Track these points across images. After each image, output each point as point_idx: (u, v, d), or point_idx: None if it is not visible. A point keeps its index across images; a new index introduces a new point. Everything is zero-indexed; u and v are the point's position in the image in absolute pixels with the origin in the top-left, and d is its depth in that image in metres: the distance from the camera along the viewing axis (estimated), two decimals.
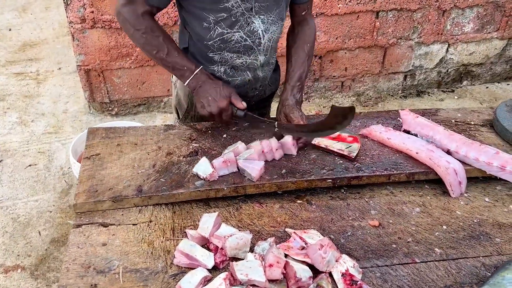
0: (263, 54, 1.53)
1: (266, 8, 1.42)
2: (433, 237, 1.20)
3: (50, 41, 4.51)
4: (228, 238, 1.09)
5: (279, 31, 1.54)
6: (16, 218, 2.49)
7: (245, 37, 1.45)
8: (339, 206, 1.30)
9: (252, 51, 1.50)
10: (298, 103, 1.52)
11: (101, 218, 1.22)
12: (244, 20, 1.41)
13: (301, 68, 1.55)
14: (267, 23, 1.46)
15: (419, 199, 1.34)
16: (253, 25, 1.43)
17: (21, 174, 2.81)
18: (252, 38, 1.46)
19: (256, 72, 1.57)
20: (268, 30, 1.48)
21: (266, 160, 1.37)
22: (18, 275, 2.18)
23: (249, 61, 1.52)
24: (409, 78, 3.84)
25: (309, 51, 1.59)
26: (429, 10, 3.47)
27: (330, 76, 3.64)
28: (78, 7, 2.94)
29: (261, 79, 1.61)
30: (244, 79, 1.57)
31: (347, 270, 1.05)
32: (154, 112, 3.49)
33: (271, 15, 1.45)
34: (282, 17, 1.50)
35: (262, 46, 1.50)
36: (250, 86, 1.61)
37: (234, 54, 1.49)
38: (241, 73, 1.55)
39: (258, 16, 1.43)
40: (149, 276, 1.06)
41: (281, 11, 1.48)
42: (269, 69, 1.63)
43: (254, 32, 1.45)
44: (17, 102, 3.53)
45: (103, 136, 1.50)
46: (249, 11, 1.40)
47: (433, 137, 1.46)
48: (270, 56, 1.59)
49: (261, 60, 1.54)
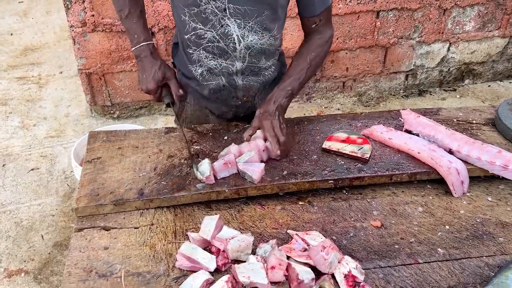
0: (240, 60, 1.45)
1: (243, 13, 1.35)
2: (436, 237, 1.19)
3: (51, 45, 4.52)
4: (229, 240, 1.08)
5: (267, 43, 1.44)
6: (19, 222, 2.49)
7: (217, 38, 1.39)
8: (341, 207, 1.29)
9: (227, 55, 1.44)
10: (280, 108, 1.41)
11: (103, 221, 1.22)
12: (217, 20, 1.36)
13: (297, 75, 1.46)
14: (244, 29, 1.38)
15: (422, 199, 1.33)
16: (228, 28, 1.37)
17: (24, 178, 2.81)
18: (226, 41, 1.40)
19: (232, 78, 1.50)
20: (245, 37, 1.40)
21: (262, 160, 1.36)
22: (21, 279, 2.19)
23: (224, 64, 1.46)
24: (411, 77, 3.83)
25: (311, 60, 1.48)
26: (430, 9, 3.46)
27: (331, 77, 3.64)
28: (78, 11, 2.95)
29: (243, 88, 1.53)
30: (219, 83, 1.51)
31: (350, 271, 1.05)
32: (155, 115, 3.49)
33: (249, 21, 1.37)
34: (267, 28, 1.41)
35: (238, 53, 1.43)
36: (229, 94, 1.54)
37: (209, 54, 1.44)
38: (215, 77, 1.50)
39: (234, 20, 1.36)
40: (151, 279, 1.05)
41: (265, 20, 1.38)
42: (256, 79, 1.53)
43: (228, 35, 1.39)
44: (19, 106, 3.54)
45: (104, 139, 1.50)
46: (222, 11, 1.34)
47: (434, 136, 1.45)
48: (254, 65, 1.49)
49: (238, 67, 1.46)
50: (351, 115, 1.67)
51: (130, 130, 1.55)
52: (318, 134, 1.54)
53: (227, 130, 1.55)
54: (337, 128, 1.57)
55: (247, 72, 1.50)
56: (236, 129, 1.55)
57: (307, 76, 1.48)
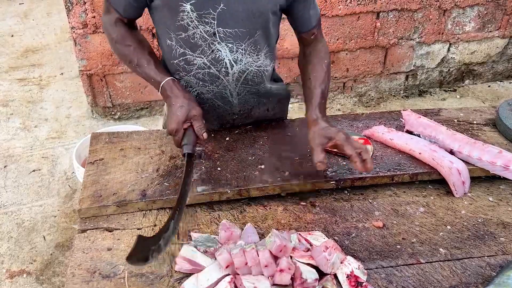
0: (233, 84, 1.41)
1: (234, 36, 1.29)
2: (438, 237, 1.20)
3: (52, 47, 4.53)
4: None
5: (263, 64, 1.40)
6: (21, 223, 2.50)
7: (208, 64, 1.34)
8: (343, 208, 1.30)
9: (219, 81, 1.39)
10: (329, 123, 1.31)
11: (106, 223, 1.23)
12: (206, 45, 1.30)
13: (322, 85, 1.36)
14: (236, 52, 1.33)
15: (423, 200, 1.34)
16: (219, 53, 1.32)
17: (25, 179, 2.82)
18: (217, 67, 1.35)
19: (227, 100, 1.46)
20: (239, 61, 1.35)
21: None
22: (23, 280, 2.19)
23: (217, 90, 1.41)
24: (411, 78, 3.84)
25: (328, 68, 1.40)
26: (430, 10, 3.47)
27: (331, 77, 3.64)
28: (80, 12, 2.95)
29: (239, 105, 1.49)
30: (213, 105, 1.47)
31: (352, 271, 1.05)
32: (156, 116, 3.50)
33: (241, 44, 1.31)
34: (261, 49, 1.36)
35: (231, 77, 1.38)
36: (225, 111, 1.50)
37: (200, 81, 1.39)
38: (208, 100, 1.45)
39: (225, 44, 1.30)
40: (154, 280, 1.06)
41: (258, 41, 1.34)
42: (253, 96, 1.49)
43: (219, 60, 1.33)
44: (20, 108, 3.55)
45: (107, 141, 1.50)
46: (211, 36, 1.28)
47: (435, 137, 1.46)
48: (251, 87, 1.45)
49: (232, 90, 1.42)
50: (352, 115, 1.68)
51: (133, 132, 1.56)
52: None
53: (228, 131, 1.56)
54: None
55: (243, 93, 1.46)
56: (237, 131, 1.56)
57: (328, 85, 1.39)
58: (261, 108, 1.56)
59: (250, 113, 1.56)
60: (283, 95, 1.60)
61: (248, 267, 1.03)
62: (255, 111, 1.56)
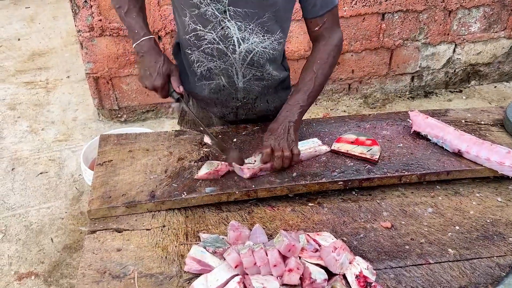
0: (239, 63, 1.44)
1: (243, 15, 1.34)
2: (446, 238, 1.20)
3: (59, 50, 4.57)
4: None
5: (269, 46, 1.43)
6: (28, 225, 2.51)
7: (217, 40, 1.39)
8: (351, 208, 1.30)
9: (226, 57, 1.43)
10: (290, 123, 1.38)
11: (115, 223, 1.23)
12: (217, 22, 1.35)
13: (305, 87, 1.42)
14: (244, 31, 1.37)
15: (431, 200, 1.33)
16: (228, 30, 1.37)
17: (33, 182, 2.84)
18: (225, 43, 1.40)
19: (232, 80, 1.49)
20: (246, 40, 1.39)
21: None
22: (31, 282, 2.20)
23: (223, 66, 1.45)
24: (417, 79, 3.83)
25: (318, 69, 1.43)
26: (435, 11, 3.47)
27: (337, 79, 3.64)
28: (86, 16, 2.98)
29: (243, 91, 1.52)
30: (219, 83, 1.50)
31: (361, 272, 1.05)
32: (162, 118, 3.51)
33: (250, 23, 1.36)
34: (269, 30, 1.39)
35: (238, 55, 1.42)
36: (229, 95, 1.54)
37: (208, 56, 1.44)
38: (215, 77, 1.49)
39: (235, 22, 1.35)
40: (164, 280, 1.06)
41: (266, 23, 1.37)
42: (257, 84, 1.52)
43: (228, 37, 1.38)
44: (28, 111, 3.57)
45: (115, 142, 1.51)
46: (222, 13, 1.34)
47: (443, 137, 1.46)
48: (256, 69, 1.48)
49: (238, 69, 1.46)
50: (359, 117, 1.68)
51: (141, 133, 1.57)
52: (327, 136, 1.54)
53: (236, 132, 1.56)
54: (345, 130, 1.58)
55: (248, 76, 1.49)
56: (245, 132, 1.56)
57: (316, 87, 1.44)
58: (263, 99, 1.59)
59: (253, 104, 1.59)
60: (285, 84, 1.63)
61: (257, 267, 1.03)
62: (258, 103, 1.59)
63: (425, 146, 1.50)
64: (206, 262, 1.08)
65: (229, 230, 1.15)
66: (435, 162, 1.41)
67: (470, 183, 1.40)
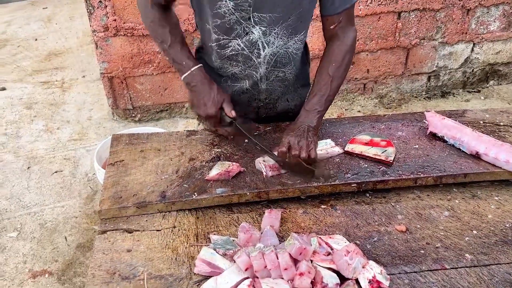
0: (263, 66, 1.45)
1: (268, 20, 1.34)
2: (463, 243, 1.16)
3: (75, 50, 4.62)
4: None
5: (293, 46, 1.43)
6: (43, 224, 2.54)
7: (242, 46, 1.39)
8: (365, 211, 1.27)
9: (251, 62, 1.44)
10: (309, 128, 1.37)
11: (126, 224, 1.23)
12: (241, 28, 1.35)
13: (321, 91, 1.41)
14: (269, 35, 1.37)
15: (447, 203, 1.30)
16: (252, 36, 1.37)
17: (48, 180, 2.87)
18: (250, 49, 1.40)
19: (255, 83, 1.50)
20: (271, 43, 1.39)
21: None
22: (45, 280, 2.22)
23: (248, 71, 1.46)
24: (433, 79, 3.76)
25: (334, 72, 1.42)
26: (453, 9, 3.40)
27: (352, 78, 3.60)
28: (101, 16, 3.00)
29: (266, 92, 1.54)
30: (242, 87, 1.51)
31: (374, 276, 1.03)
32: (176, 118, 3.52)
33: (275, 27, 1.36)
34: (293, 32, 1.40)
35: (262, 59, 1.43)
36: (251, 97, 1.54)
37: (233, 62, 1.44)
38: (239, 81, 1.50)
39: (259, 27, 1.35)
40: (173, 282, 1.05)
41: (291, 26, 1.37)
42: (279, 84, 1.53)
43: (252, 42, 1.38)
44: (44, 110, 3.62)
45: (127, 142, 1.51)
46: (246, 20, 1.33)
47: (460, 139, 1.42)
48: (279, 70, 1.48)
49: (262, 73, 1.47)
50: (373, 117, 1.65)
51: (153, 133, 1.56)
52: (340, 137, 1.52)
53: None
54: (359, 131, 1.55)
55: (271, 78, 1.50)
56: (256, 132, 1.55)
57: (333, 90, 1.42)
58: (283, 98, 1.59)
59: (274, 104, 1.60)
60: (305, 80, 1.64)
61: (267, 270, 1.01)
62: (279, 102, 1.60)
63: (442, 147, 1.46)
64: (216, 264, 1.06)
65: (239, 232, 1.13)
66: (452, 164, 1.38)
67: (488, 186, 1.36)
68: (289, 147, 1.32)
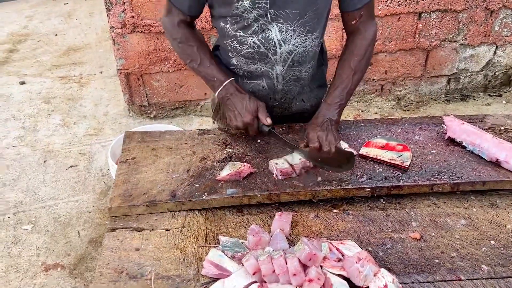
0: (280, 64, 1.43)
1: (285, 16, 1.33)
2: (480, 253, 1.12)
3: (93, 46, 4.66)
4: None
5: (310, 45, 1.42)
6: (57, 217, 2.56)
7: (258, 43, 1.38)
8: (378, 217, 1.24)
9: (267, 59, 1.42)
10: (331, 122, 1.38)
11: (135, 222, 1.22)
12: (258, 25, 1.34)
13: (343, 84, 1.41)
14: (286, 32, 1.36)
15: (465, 211, 1.26)
16: (269, 33, 1.36)
17: (63, 174, 2.90)
18: (266, 46, 1.38)
19: (271, 82, 1.48)
20: (287, 41, 1.38)
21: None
22: (57, 273, 2.24)
23: (264, 69, 1.45)
24: (453, 81, 3.68)
25: (356, 66, 1.42)
26: (476, 11, 3.32)
27: (369, 79, 3.55)
28: (119, 12, 3.01)
29: (281, 92, 1.52)
30: (259, 83, 1.50)
31: (386, 285, 1.00)
32: (191, 116, 3.52)
33: (291, 25, 1.35)
34: (310, 30, 1.38)
35: (279, 56, 1.41)
36: (267, 95, 1.53)
37: (249, 59, 1.43)
38: (256, 78, 1.49)
39: (276, 24, 1.34)
40: (180, 283, 1.04)
41: (308, 23, 1.36)
42: (295, 84, 1.51)
43: (269, 39, 1.37)
44: (61, 105, 3.65)
45: (139, 140, 1.51)
46: (263, 17, 1.33)
47: (480, 145, 1.37)
48: (295, 69, 1.47)
49: (278, 71, 1.45)
50: (390, 120, 1.61)
51: (165, 131, 1.55)
52: (355, 140, 1.49)
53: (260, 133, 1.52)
54: (375, 134, 1.51)
55: (288, 77, 1.48)
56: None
57: (354, 83, 1.42)
58: (299, 98, 1.58)
59: (290, 104, 1.59)
60: (321, 81, 1.63)
61: (275, 275, 0.99)
62: (294, 102, 1.58)
63: (460, 153, 1.42)
64: (224, 266, 1.05)
65: (248, 234, 1.11)
66: (470, 171, 1.33)
67: (508, 195, 1.31)
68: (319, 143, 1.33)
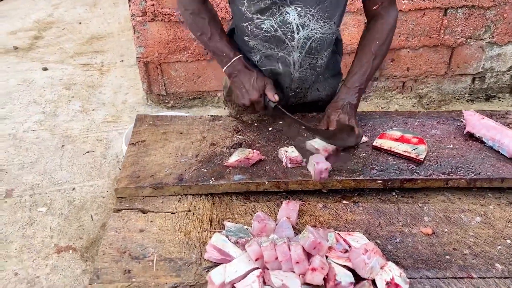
0: (297, 51, 1.40)
1: (304, 0, 1.30)
2: (494, 251, 1.07)
3: (115, 35, 4.70)
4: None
5: (328, 32, 1.39)
6: (72, 201, 2.59)
7: (276, 26, 1.34)
8: (389, 210, 1.20)
9: (284, 45, 1.39)
10: (351, 106, 1.39)
11: (141, 204, 1.21)
12: (276, 8, 1.31)
13: (363, 68, 1.40)
14: (304, 17, 1.33)
15: (480, 208, 1.21)
16: (287, 16, 1.32)
17: (80, 159, 2.93)
18: (284, 30, 1.35)
19: (288, 69, 1.45)
20: (306, 26, 1.35)
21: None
22: (69, 255, 2.27)
23: (281, 54, 1.42)
24: (478, 81, 3.57)
25: (377, 50, 1.40)
26: (504, 8, 3.20)
27: (390, 76, 3.47)
28: (140, 0, 3.02)
29: (298, 81, 1.49)
30: (275, 69, 1.47)
31: (393, 279, 0.96)
32: (208, 106, 3.51)
33: (311, 9, 1.31)
34: (330, 17, 1.35)
35: (296, 42, 1.38)
36: (284, 82, 1.50)
37: (266, 43, 1.40)
38: (273, 63, 1.46)
39: (295, 8, 1.31)
40: (182, 266, 1.03)
41: (327, 9, 1.33)
42: (312, 72, 1.49)
43: (286, 23, 1.34)
44: (81, 92, 3.70)
45: (150, 123, 1.50)
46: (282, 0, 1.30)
47: (500, 140, 1.32)
48: (313, 57, 1.44)
49: (295, 57, 1.42)
50: (407, 113, 1.57)
51: (176, 116, 1.54)
52: (370, 131, 1.45)
53: (272, 121, 1.50)
54: (390, 126, 1.47)
55: (305, 66, 1.45)
56: (281, 121, 1.50)
57: (374, 68, 1.41)
58: (314, 87, 1.56)
59: (305, 94, 1.57)
60: (336, 70, 1.61)
61: (278, 262, 0.97)
62: (310, 91, 1.56)
63: (479, 149, 1.36)
64: (227, 251, 1.03)
65: (253, 221, 1.09)
66: (489, 167, 1.28)
67: None
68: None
